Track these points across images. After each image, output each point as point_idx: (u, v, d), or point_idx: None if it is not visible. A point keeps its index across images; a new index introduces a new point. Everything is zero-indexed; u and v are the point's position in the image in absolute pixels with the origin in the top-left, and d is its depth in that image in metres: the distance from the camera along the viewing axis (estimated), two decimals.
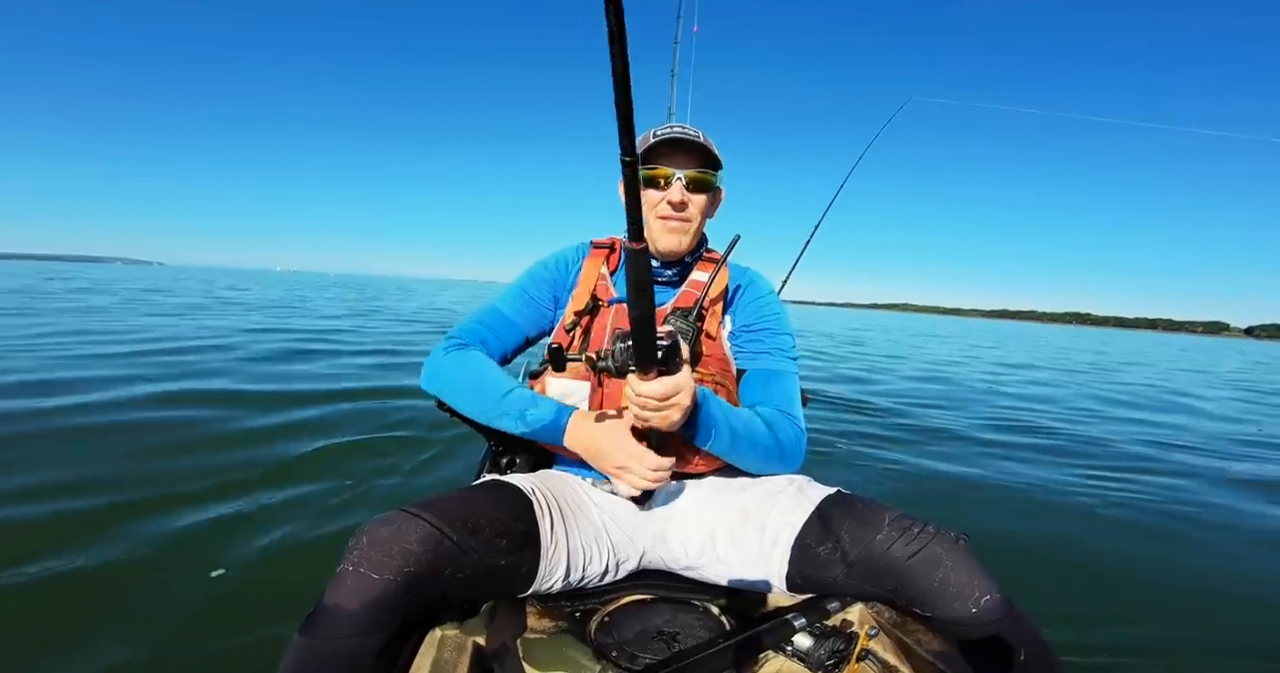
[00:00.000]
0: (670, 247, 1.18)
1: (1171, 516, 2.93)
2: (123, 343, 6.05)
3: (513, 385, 1.08)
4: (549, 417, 1.04)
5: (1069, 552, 2.43)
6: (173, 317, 9.72)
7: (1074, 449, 4.32)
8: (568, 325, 1.18)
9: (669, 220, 1.16)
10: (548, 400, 1.07)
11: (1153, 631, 1.85)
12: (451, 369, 1.12)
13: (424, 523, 0.81)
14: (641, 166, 1.11)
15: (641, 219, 0.68)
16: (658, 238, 1.18)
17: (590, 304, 1.17)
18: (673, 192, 1.14)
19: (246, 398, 3.97)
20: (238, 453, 2.89)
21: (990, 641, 0.82)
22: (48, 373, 4.29)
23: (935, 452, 3.91)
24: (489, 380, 1.09)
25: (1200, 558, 2.45)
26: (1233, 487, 3.58)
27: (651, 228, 1.17)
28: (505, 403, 1.06)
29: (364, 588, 0.73)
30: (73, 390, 3.77)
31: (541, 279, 1.24)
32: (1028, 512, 2.88)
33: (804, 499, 1.03)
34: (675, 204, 1.14)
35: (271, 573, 1.85)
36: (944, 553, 0.87)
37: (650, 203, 1.15)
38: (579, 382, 1.12)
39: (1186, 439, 5.09)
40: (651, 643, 0.92)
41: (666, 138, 1.13)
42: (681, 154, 1.14)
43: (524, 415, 1.04)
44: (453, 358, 1.12)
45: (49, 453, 2.70)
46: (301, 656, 0.71)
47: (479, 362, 1.12)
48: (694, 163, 1.15)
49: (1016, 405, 6.30)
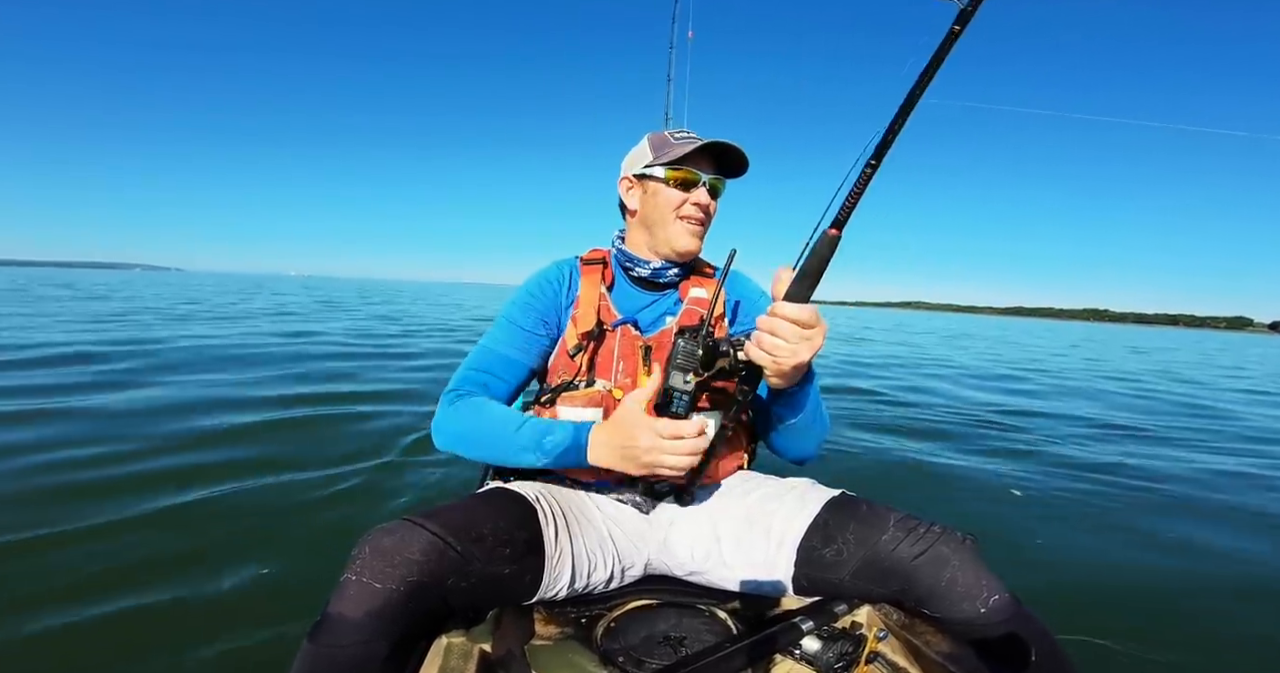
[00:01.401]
0: (689, 247, 1.18)
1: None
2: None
3: (523, 419, 1.04)
4: (568, 439, 0.99)
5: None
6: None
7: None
8: (571, 350, 1.14)
9: (690, 222, 1.16)
10: (562, 423, 1.03)
11: (1168, 632, 1.82)
12: (458, 422, 1.07)
13: (426, 532, 0.81)
14: (672, 166, 1.14)
15: (850, 213, 0.79)
16: (676, 238, 1.17)
17: (596, 330, 1.14)
18: (701, 194, 1.15)
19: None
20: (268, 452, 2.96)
21: (1000, 641, 0.81)
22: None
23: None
24: (497, 422, 1.04)
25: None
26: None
27: (669, 228, 1.17)
28: (519, 438, 1.01)
29: (366, 597, 0.74)
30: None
31: (529, 307, 1.18)
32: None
33: (809, 502, 1.03)
34: (702, 206, 1.16)
35: (281, 576, 1.88)
36: (951, 553, 0.87)
37: (672, 202, 1.15)
38: (592, 409, 1.10)
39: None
40: (658, 648, 0.92)
41: (711, 143, 1.13)
42: (708, 158, 1.16)
43: (541, 445, 0.99)
44: (456, 410, 1.08)
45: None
46: (308, 662, 0.72)
47: (483, 406, 1.07)
48: (715, 168, 1.18)
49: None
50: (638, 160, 1.19)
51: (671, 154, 1.13)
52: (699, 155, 1.14)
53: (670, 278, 1.22)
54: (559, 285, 1.21)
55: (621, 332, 1.15)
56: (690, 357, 1.00)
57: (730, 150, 1.15)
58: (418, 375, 5.70)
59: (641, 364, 1.12)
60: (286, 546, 2.08)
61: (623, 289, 1.23)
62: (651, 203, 1.17)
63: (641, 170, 1.17)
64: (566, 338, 1.16)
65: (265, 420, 3.66)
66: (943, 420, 4.89)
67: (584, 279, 1.21)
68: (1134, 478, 3.51)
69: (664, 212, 1.16)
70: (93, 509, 2.26)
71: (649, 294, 1.23)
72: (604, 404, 1.09)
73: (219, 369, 5.44)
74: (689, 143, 1.13)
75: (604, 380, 1.12)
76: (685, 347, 1.01)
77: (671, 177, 1.14)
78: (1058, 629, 0.83)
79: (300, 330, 9.51)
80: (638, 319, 1.18)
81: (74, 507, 2.28)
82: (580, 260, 1.26)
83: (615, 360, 1.12)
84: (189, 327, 9.21)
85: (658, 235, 1.18)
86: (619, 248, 1.24)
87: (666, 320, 1.19)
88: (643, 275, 1.21)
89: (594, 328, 1.13)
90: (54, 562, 1.90)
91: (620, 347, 1.13)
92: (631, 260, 1.21)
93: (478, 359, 1.16)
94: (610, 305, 1.19)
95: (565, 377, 1.13)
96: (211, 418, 3.64)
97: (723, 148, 1.14)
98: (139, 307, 13.56)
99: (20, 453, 2.84)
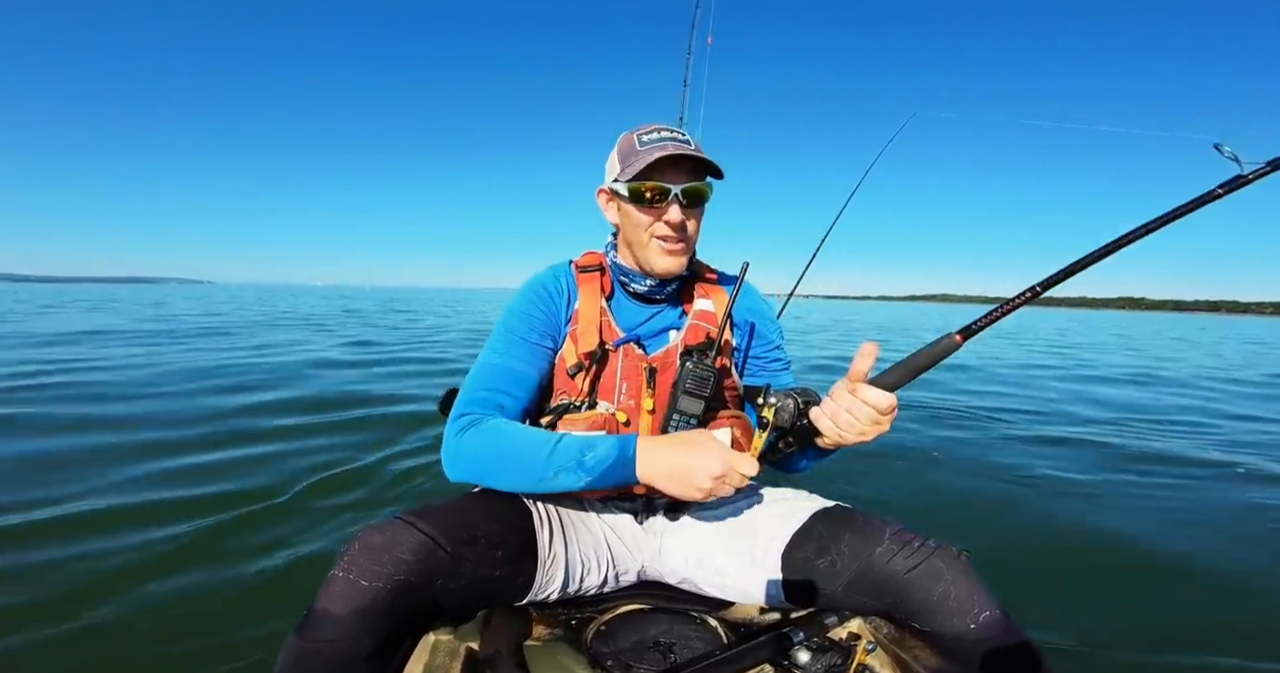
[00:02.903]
0: (669, 269, 1.08)
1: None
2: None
3: (555, 436, 0.94)
4: (613, 453, 0.90)
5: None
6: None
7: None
8: (570, 369, 1.06)
9: (667, 242, 1.05)
10: (601, 438, 0.94)
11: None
12: (477, 449, 0.96)
13: (418, 532, 0.82)
14: (630, 182, 1.02)
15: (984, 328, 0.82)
16: (655, 260, 1.07)
17: (599, 350, 1.06)
18: (673, 212, 1.03)
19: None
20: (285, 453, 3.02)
21: (988, 657, 0.79)
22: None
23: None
24: (525, 444, 0.94)
25: None
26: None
27: (646, 248, 1.06)
28: (556, 458, 0.91)
29: (353, 594, 0.75)
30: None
31: (530, 318, 1.09)
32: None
33: (803, 512, 1.02)
34: (675, 225, 1.03)
35: (281, 574, 1.91)
36: (944, 567, 0.86)
37: (641, 222, 1.05)
38: (594, 432, 1.02)
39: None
40: (647, 653, 0.92)
41: (664, 156, 0.99)
42: (682, 164, 1.02)
43: (582, 463, 0.90)
44: (473, 436, 0.96)
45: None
46: (293, 656, 0.74)
47: (504, 429, 0.97)
48: (690, 174, 1.04)
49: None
50: (610, 170, 1.09)
51: (634, 167, 1.01)
52: (667, 163, 1.00)
53: (668, 294, 1.15)
54: (558, 296, 1.12)
55: (624, 351, 1.07)
56: (701, 383, 1.00)
57: (682, 159, 1.01)
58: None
59: (645, 386, 1.05)
60: (287, 539, 2.12)
61: (621, 301, 1.16)
62: (626, 222, 1.08)
63: (612, 184, 1.07)
64: (565, 355, 1.08)
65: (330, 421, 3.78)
66: (960, 421, 4.69)
67: (582, 289, 1.13)
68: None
69: (638, 232, 1.06)
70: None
71: (648, 308, 1.16)
72: (607, 428, 1.02)
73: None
74: (649, 151, 1.00)
75: (606, 402, 1.05)
76: (696, 372, 1.00)
77: (635, 192, 1.02)
78: (1049, 647, 0.82)
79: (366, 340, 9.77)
80: (639, 335, 1.11)
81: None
82: (575, 267, 1.17)
83: (618, 382, 1.06)
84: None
85: (637, 255, 1.09)
86: (613, 259, 1.15)
87: (670, 336, 1.12)
88: (640, 291, 1.14)
89: (596, 349, 1.05)
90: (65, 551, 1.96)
91: (624, 368, 1.06)
92: (627, 274, 1.13)
93: (485, 377, 1.04)
94: (612, 322, 1.11)
95: (565, 397, 1.07)
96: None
97: (674, 158, 1.00)
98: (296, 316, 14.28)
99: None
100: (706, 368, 1.01)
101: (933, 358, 0.85)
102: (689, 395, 1.01)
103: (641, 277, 1.12)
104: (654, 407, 1.05)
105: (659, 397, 1.05)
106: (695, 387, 1.01)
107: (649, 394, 1.05)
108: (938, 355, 0.85)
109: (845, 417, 0.87)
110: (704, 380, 1.00)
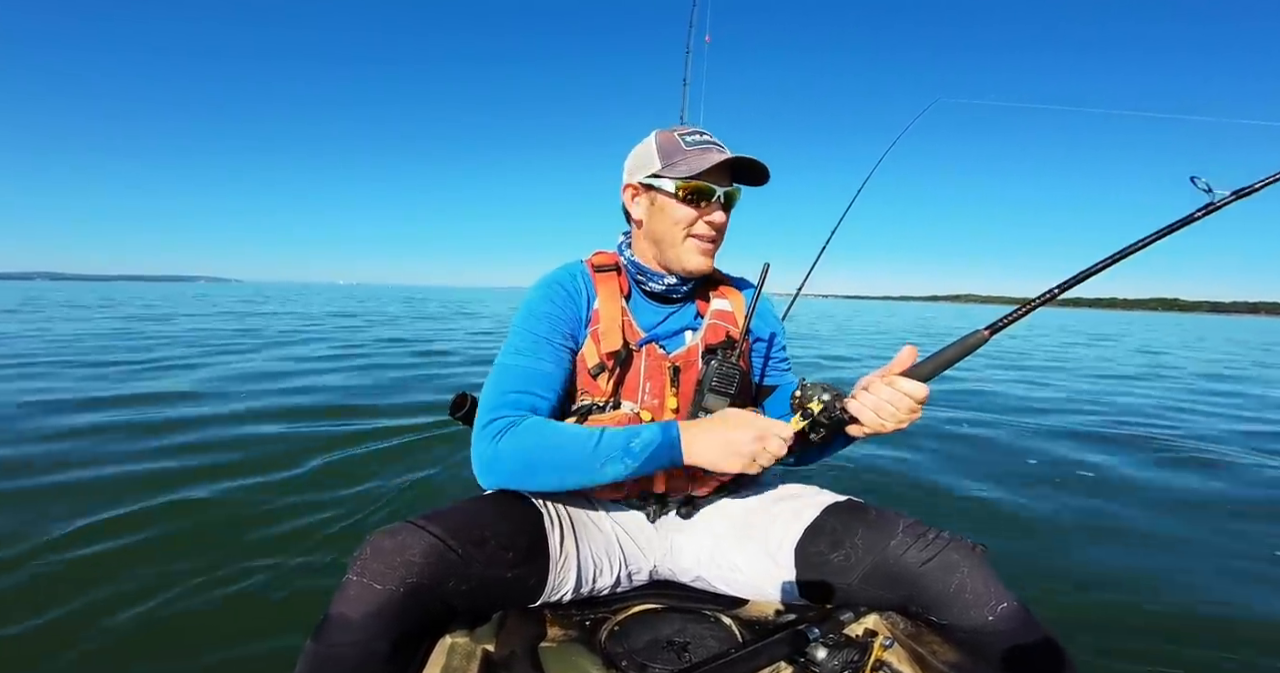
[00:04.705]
0: (701, 267, 1.09)
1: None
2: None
3: (598, 430, 0.95)
4: (658, 437, 0.92)
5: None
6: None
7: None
8: (593, 370, 1.06)
9: (702, 240, 1.07)
10: (644, 425, 0.96)
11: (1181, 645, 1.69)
12: (517, 450, 0.95)
13: (428, 535, 0.83)
14: (680, 180, 1.03)
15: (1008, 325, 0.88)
16: (687, 257, 1.08)
17: (624, 351, 1.06)
18: (716, 213, 1.06)
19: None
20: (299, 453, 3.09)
21: (1007, 651, 0.78)
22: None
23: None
24: (569, 439, 0.94)
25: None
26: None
27: (680, 246, 1.07)
28: (603, 449, 0.92)
29: (366, 598, 0.76)
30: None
31: (551, 318, 1.08)
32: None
33: (815, 507, 1.02)
34: (717, 225, 1.07)
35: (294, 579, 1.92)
36: (960, 560, 0.85)
37: (681, 219, 1.05)
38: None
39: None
40: (662, 653, 0.92)
41: (727, 161, 1.03)
42: (723, 167, 1.05)
43: (629, 450, 0.92)
44: (511, 439, 0.95)
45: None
46: (311, 661, 0.75)
47: (546, 427, 0.97)
48: (732, 177, 1.09)
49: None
50: (644, 165, 1.08)
51: (685, 167, 1.03)
52: (718, 166, 1.03)
53: (686, 293, 1.16)
54: (577, 296, 1.11)
55: (647, 351, 1.08)
56: (727, 381, 1.02)
57: (744, 166, 1.06)
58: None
59: (669, 385, 1.06)
60: (294, 546, 2.12)
61: (638, 302, 1.16)
62: (659, 217, 1.07)
63: (648, 179, 1.07)
64: (585, 355, 1.07)
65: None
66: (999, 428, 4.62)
67: (601, 289, 1.12)
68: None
69: (673, 228, 1.06)
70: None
71: (664, 307, 1.16)
72: (632, 423, 1.02)
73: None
74: (703, 152, 1.03)
75: (630, 402, 1.06)
76: (722, 370, 1.02)
77: (683, 190, 1.04)
78: (1072, 642, 0.80)
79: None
80: (658, 335, 1.12)
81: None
82: (590, 266, 1.16)
83: (641, 382, 1.06)
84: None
85: (666, 252, 1.09)
86: (629, 258, 1.15)
87: (687, 336, 1.13)
88: (656, 290, 1.14)
89: (620, 349, 1.05)
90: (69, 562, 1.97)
91: (647, 368, 1.07)
92: (644, 273, 1.13)
93: (512, 379, 1.03)
94: (633, 322, 1.11)
95: (588, 397, 1.07)
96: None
97: (744, 162, 1.05)
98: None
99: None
100: (732, 366, 1.04)
101: (961, 351, 0.90)
102: (715, 393, 1.02)
103: (660, 276, 1.13)
104: (678, 406, 1.06)
105: (683, 396, 1.06)
106: (721, 384, 1.02)
107: (673, 393, 1.06)
108: (966, 350, 0.90)
109: (888, 408, 0.90)
110: (730, 378, 1.03)
